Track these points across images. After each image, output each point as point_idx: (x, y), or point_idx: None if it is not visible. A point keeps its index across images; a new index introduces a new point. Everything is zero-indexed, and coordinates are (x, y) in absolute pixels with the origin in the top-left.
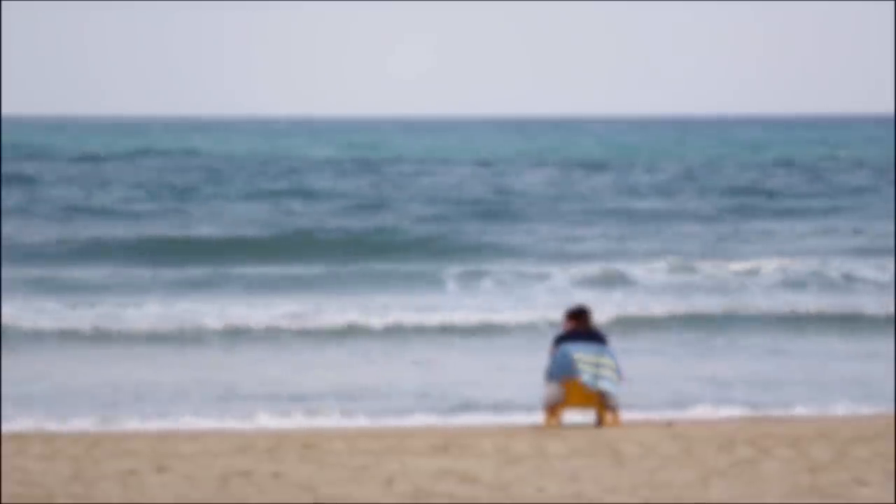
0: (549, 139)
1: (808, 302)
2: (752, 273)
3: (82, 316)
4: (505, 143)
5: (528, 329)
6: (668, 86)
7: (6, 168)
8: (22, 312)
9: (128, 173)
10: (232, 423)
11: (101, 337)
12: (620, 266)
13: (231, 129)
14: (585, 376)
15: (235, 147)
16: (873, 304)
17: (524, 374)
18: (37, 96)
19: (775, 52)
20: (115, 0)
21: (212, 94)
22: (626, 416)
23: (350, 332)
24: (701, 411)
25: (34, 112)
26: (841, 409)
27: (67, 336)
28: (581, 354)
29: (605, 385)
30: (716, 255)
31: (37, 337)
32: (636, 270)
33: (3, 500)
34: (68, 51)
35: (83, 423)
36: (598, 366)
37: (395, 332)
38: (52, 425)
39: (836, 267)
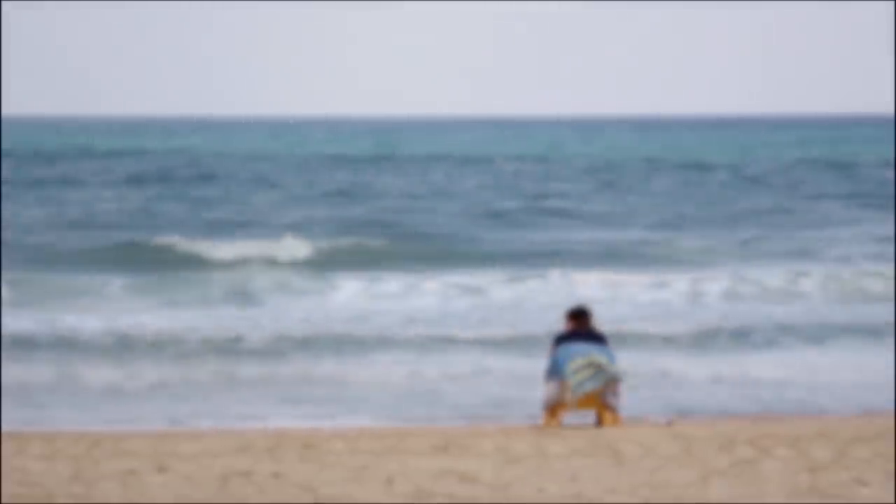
0: (549, 139)
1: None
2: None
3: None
4: (509, 144)
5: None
6: (664, 86)
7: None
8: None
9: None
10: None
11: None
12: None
13: (231, 129)
14: (583, 386)
15: (254, 147)
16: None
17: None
18: (33, 96)
19: (773, 51)
20: (116, 0)
21: (208, 95)
22: (625, 416)
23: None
24: (701, 411)
25: (33, 112)
26: (841, 409)
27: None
28: (579, 359)
29: (602, 387)
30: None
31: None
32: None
33: (3, 500)
34: (69, 51)
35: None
36: (596, 366)
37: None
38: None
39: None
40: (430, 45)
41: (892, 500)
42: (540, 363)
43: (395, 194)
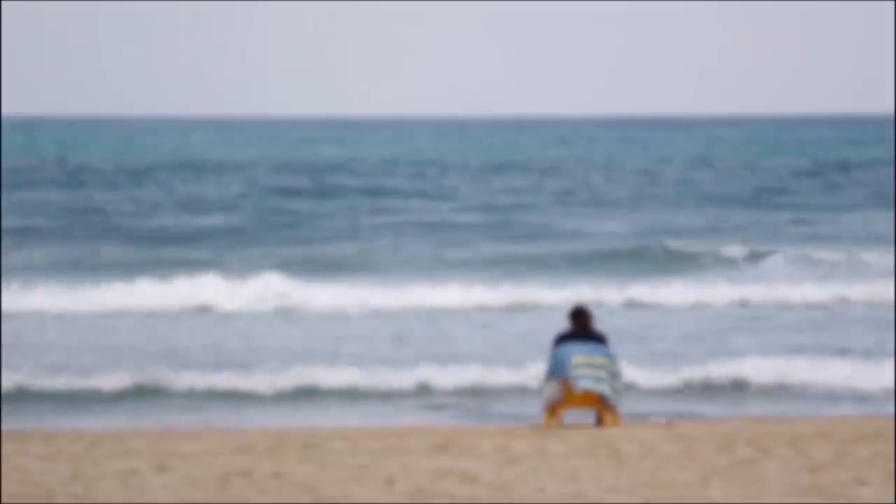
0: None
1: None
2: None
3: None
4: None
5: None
6: (664, 86)
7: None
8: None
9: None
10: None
11: None
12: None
13: (232, 130)
14: (584, 382)
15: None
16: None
17: None
18: (34, 96)
19: (772, 51)
20: (116, 0)
21: (207, 94)
22: (625, 416)
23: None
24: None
25: (34, 112)
26: (841, 409)
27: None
28: (579, 357)
29: (602, 387)
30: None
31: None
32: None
33: (3, 500)
34: (69, 50)
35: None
36: (595, 367)
37: None
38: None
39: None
40: (430, 45)
41: (892, 501)
42: (539, 363)
43: (396, 195)
